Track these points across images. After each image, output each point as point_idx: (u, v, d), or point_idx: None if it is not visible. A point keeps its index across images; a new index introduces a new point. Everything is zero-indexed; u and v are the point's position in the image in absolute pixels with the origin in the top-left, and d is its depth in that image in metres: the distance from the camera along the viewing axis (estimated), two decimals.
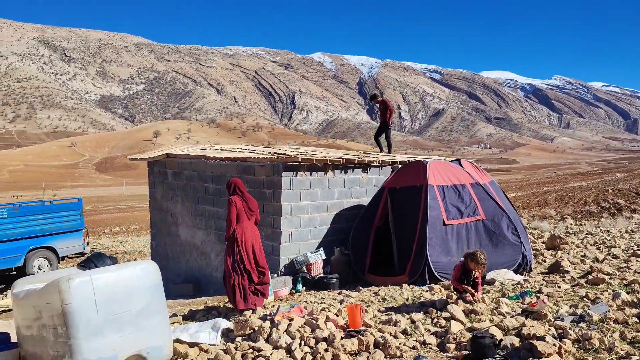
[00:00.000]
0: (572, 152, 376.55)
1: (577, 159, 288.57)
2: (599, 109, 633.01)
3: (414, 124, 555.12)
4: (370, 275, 8.97)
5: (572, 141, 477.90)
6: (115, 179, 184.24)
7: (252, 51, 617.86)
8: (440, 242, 8.36)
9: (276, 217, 8.91)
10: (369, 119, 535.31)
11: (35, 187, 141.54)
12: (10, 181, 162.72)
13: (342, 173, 9.74)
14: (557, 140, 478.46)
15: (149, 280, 5.71)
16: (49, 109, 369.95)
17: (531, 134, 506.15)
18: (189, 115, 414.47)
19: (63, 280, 5.03)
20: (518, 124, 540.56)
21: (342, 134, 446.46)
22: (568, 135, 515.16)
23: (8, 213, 13.23)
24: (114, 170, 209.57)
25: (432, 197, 8.56)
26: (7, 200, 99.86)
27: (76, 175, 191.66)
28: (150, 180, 11.36)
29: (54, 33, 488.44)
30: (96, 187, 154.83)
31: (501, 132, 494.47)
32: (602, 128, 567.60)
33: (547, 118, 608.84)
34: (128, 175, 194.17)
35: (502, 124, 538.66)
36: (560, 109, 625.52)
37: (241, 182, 7.19)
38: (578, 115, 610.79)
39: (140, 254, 21.49)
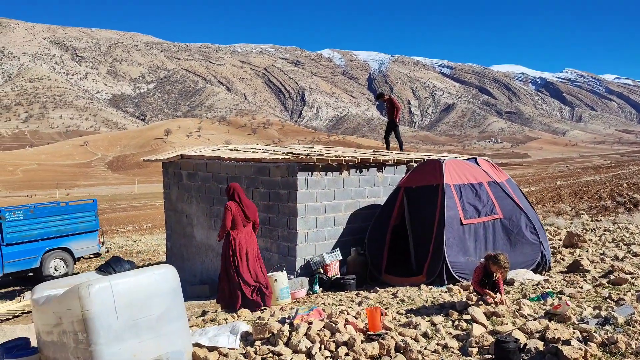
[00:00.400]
0: (585, 145, 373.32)
1: (590, 152, 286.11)
2: (612, 101, 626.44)
3: (424, 119, 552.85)
4: (387, 276, 8.91)
5: (584, 134, 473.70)
6: (128, 177, 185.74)
7: (261, 48, 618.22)
8: (457, 241, 8.27)
9: (292, 217, 8.87)
10: (379, 114, 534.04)
11: (48, 186, 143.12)
12: (24, 180, 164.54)
13: (357, 172, 9.68)
14: (569, 133, 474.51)
15: (168, 285, 5.71)
16: (61, 108, 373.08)
17: (543, 128, 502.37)
18: (200, 113, 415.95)
19: (83, 287, 5.03)
20: (529, 118, 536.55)
21: (352, 130, 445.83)
22: (580, 129, 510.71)
23: (24, 215, 13.31)
24: (126, 168, 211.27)
25: (448, 196, 8.47)
26: (21, 199, 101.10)
27: (89, 174, 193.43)
28: (165, 181, 11.36)
29: (65, 33, 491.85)
30: (109, 185, 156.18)
31: (512, 126, 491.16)
32: (614, 121, 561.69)
33: (558, 111, 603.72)
34: (140, 173, 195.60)
35: (513, 118, 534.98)
36: (572, 102, 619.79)
37: (240, 188, 7.29)
38: (590, 109, 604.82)
39: (154, 253, 21.56)
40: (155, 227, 45.17)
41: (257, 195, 9.44)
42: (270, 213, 9.23)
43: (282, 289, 7.61)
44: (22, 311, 9.68)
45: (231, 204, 7.16)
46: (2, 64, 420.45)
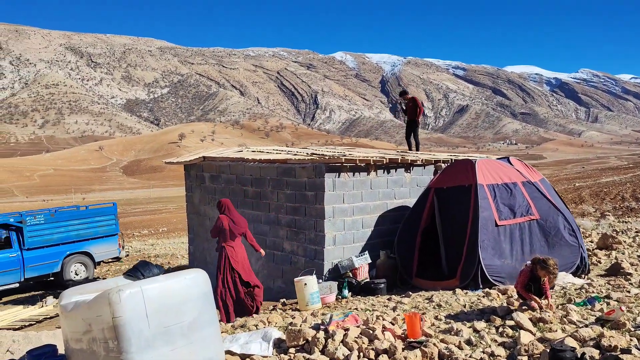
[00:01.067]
0: (601, 146, 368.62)
1: (606, 153, 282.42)
2: (628, 101, 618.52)
3: (437, 121, 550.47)
4: (418, 279, 8.63)
5: (601, 135, 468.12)
6: (142, 181, 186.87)
7: (274, 52, 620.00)
8: (492, 244, 7.97)
9: (319, 220, 8.63)
10: (392, 117, 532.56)
11: (64, 191, 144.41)
12: (41, 185, 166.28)
13: (385, 173, 9.41)
14: (584, 134, 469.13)
15: (199, 290, 5.49)
16: (76, 114, 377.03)
17: (558, 129, 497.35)
18: (213, 117, 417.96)
19: (113, 292, 4.82)
20: (544, 119, 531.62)
21: (365, 133, 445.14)
22: (596, 130, 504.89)
23: (45, 219, 13.22)
24: (141, 173, 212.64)
25: (482, 197, 8.17)
26: (38, 204, 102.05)
27: (104, 179, 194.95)
28: (187, 184, 11.18)
29: (80, 39, 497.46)
30: (124, 189, 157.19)
31: (527, 127, 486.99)
32: (631, 121, 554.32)
33: (574, 112, 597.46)
34: (154, 177, 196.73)
35: (527, 119, 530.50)
36: (588, 103, 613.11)
37: (230, 203, 7.89)
38: (606, 109, 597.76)
39: (173, 257, 21.44)
40: (171, 231, 45.22)
41: (282, 197, 9.22)
42: (296, 215, 9.00)
43: (312, 294, 7.38)
44: (45, 316, 9.53)
45: (223, 217, 7.71)
46: (19, 70, 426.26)
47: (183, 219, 62.82)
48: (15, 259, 12.60)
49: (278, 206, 9.28)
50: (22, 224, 12.78)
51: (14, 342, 6.77)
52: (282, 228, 9.25)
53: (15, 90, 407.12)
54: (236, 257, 7.69)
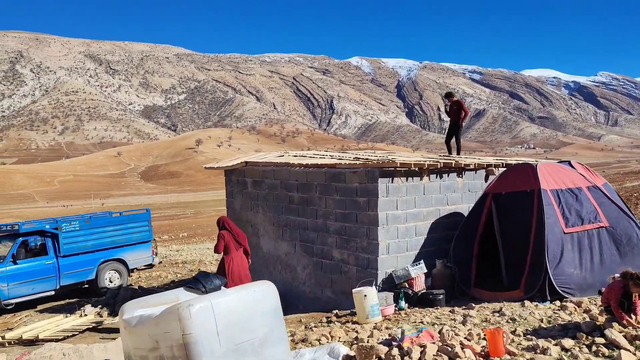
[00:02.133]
0: (621, 150, 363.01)
1: (627, 157, 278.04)
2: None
3: None
4: (476, 290, 8.19)
5: (621, 139, 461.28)
6: (160, 187, 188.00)
7: (290, 58, 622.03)
8: (560, 253, 7.52)
9: (372, 227, 8.25)
10: (409, 121, 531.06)
11: (84, 197, 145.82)
12: (61, 191, 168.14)
13: (438, 178, 9.01)
14: (604, 138, 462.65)
15: (270, 304, 5.14)
16: (95, 120, 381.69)
17: (577, 133, 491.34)
18: (230, 123, 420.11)
19: (183, 307, 4.49)
20: (563, 123, 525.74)
21: (381, 138, 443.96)
22: (616, 133, 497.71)
23: (80, 225, 13.02)
24: (158, 178, 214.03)
25: (547, 203, 7.73)
26: (58, 209, 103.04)
27: (122, 184, 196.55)
28: (227, 189, 10.87)
29: (99, 47, 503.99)
30: (142, 195, 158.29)
31: (545, 131, 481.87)
32: None
33: (593, 116, 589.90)
34: (171, 183, 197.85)
35: (546, 123, 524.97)
36: (607, 106, 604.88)
37: (229, 219, 8.49)
38: (626, 112, 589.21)
39: (201, 263, 21.20)
40: (191, 237, 45.18)
41: (331, 203, 8.86)
42: (347, 222, 8.62)
43: (372, 306, 6.99)
44: (87, 326, 9.26)
45: (224, 232, 8.22)
46: (39, 78, 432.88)
47: (202, 224, 63.01)
48: (51, 266, 12.41)
49: (326, 212, 8.93)
50: (57, 230, 12.59)
51: (64, 355, 6.48)
52: (330, 235, 8.89)
53: (36, 98, 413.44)
54: (233, 268, 8.10)
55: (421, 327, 5.81)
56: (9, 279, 11.64)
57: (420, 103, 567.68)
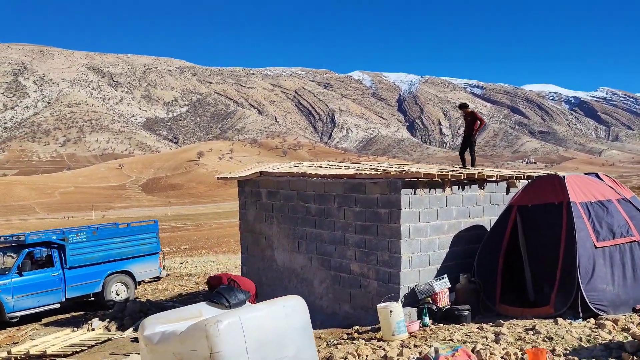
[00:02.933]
0: (622, 165, 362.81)
1: (628, 172, 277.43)
2: None
3: (455, 140, 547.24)
4: (502, 306, 7.89)
5: (622, 154, 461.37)
6: (161, 199, 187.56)
7: (291, 71, 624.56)
8: (591, 268, 7.22)
9: (394, 240, 7.96)
10: (410, 135, 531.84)
11: (85, 208, 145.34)
12: (62, 202, 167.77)
13: (460, 190, 8.74)
14: (605, 153, 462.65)
15: (300, 319, 4.86)
16: (97, 132, 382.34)
17: (578, 148, 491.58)
18: (231, 136, 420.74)
19: (210, 324, 4.20)
20: (563, 138, 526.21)
21: (382, 151, 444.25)
22: (617, 148, 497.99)
23: (87, 236, 12.73)
24: (159, 190, 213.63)
25: (576, 216, 7.45)
26: (59, 220, 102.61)
27: (123, 196, 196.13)
28: (241, 200, 10.59)
29: (102, 59, 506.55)
30: (142, 207, 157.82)
31: (546, 146, 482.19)
32: None
33: (593, 131, 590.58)
34: (173, 195, 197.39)
35: (546, 137, 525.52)
36: (608, 121, 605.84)
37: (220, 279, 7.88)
38: (627, 127, 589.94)
39: (206, 276, 20.88)
40: (192, 249, 44.84)
41: (350, 214, 8.58)
42: (367, 235, 8.34)
43: (398, 322, 6.69)
44: (97, 341, 8.93)
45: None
46: (42, 90, 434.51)
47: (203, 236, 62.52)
48: (57, 278, 12.11)
49: (345, 224, 8.64)
50: (64, 241, 12.30)
51: None
52: (349, 248, 8.60)
53: (38, 109, 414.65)
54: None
55: (456, 345, 5.51)
56: (14, 291, 11.34)
57: (421, 117, 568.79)
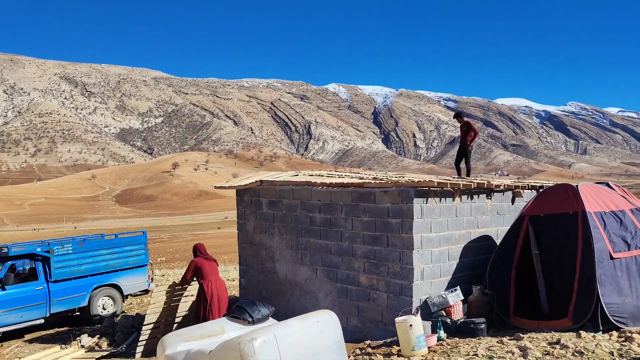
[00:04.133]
0: (591, 178, 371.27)
1: None
2: (616, 134, 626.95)
3: (429, 152, 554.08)
4: (516, 319, 7.68)
5: (591, 167, 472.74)
6: (135, 210, 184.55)
7: (268, 83, 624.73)
8: (610, 279, 7.07)
9: (406, 251, 7.71)
10: (385, 147, 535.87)
11: (56, 220, 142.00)
12: (32, 214, 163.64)
13: (469, 199, 8.55)
14: (574, 166, 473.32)
15: (334, 335, 4.56)
16: (69, 142, 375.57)
17: (548, 160, 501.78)
18: (207, 147, 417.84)
19: (244, 342, 3.87)
20: (535, 151, 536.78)
21: (358, 163, 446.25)
22: (586, 161, 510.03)
23: (73, 248, 12.17)
24: (134, 202, 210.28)
25: (593, 226, 7.31)
26: (28, 233, 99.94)
27: (96, 208, 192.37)
28: (239, 210, 10.21)
29: (75, 69, 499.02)
30: (116, 219, 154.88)
31: (518, 158, 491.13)
32: (620, 154, 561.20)
33: (563, 144, 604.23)
34: (147, 206, 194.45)
35: (518, 150, 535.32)
36: (577, 135, 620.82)
37: (202, 245, 8.84)
38: (595, 141, 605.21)
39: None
40: (169, 261, 43.99)
41: (358, 224, 8.31)
42: (377, 245, 8.07)
43: (418, 337, 6.42)
44: (90, 359, 8.44)
45: (197, 260, 8.52)
46: (12, 99, 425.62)
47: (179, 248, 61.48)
48: (40, 292, 11.51)
49: (353, 235, 8.36)
50: (49, 253, 11.73)
51: None
52: (357, 259, 8.31)
53: (8, 119, 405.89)
54: (213, 292, 8.22)
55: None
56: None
57: (396, 130, 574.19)
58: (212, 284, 8.29)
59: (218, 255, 34.46)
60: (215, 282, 8.35)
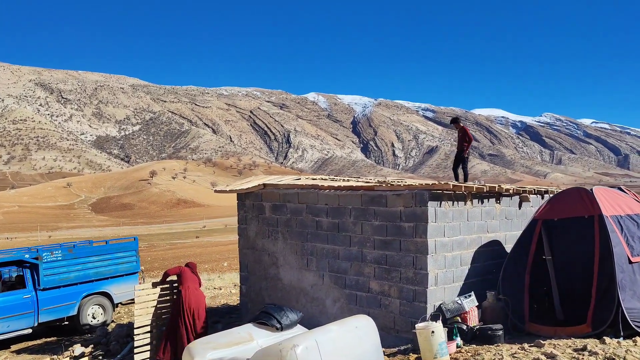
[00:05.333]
0: (566, 187, 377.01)
1: None
2: (590, 145, 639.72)
3: (407, 162, 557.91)
4: (532, 325, 7.51)
5: (565, 177, 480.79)
6: (112, 219, 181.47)
7: (247, 91, 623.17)
8: (629, 284, 6.96)
9: (419, 255, 7.50)
10: (364, 157, 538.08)
11: (29, 229, 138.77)
12: (5, 222, 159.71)
13: (479, 203, 8.40)
14: (550, 176, 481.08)
15: (372, 341, 4.31)
16: (44, 150, 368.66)
17: (524, 170, 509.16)
18: (185, 155, 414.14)
19: (286, 348, 3.60)
20: (511, 161, 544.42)
21: (337, 172, 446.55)
22: (560, 171, 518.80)
23: (63, 255, 11.70)
24: (110, 210, 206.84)
25: (610, 230, 7.20)
26: (1, 242, 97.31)
27: (72, 216, 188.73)
28: (240, 215, 9.89)
29: (51, 75, 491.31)
30: (92, 227, 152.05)
31: (495, 168, 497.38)
32: (593, 164, 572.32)
33: (539, 154, 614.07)
34: (124, 215, 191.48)
35: (495, 160, 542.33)
36: (552, 146, 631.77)
37: (195, 265, 8.77)
38: (569, 152, 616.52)
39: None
40: (148, 270, 43.10)
41: (368, 228, 8.08)
42: (388, 250, 7.84)
43: (440, 344, 6.18)
44: None
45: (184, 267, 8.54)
46: None
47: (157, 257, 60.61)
48: (29, 300, 11.02)
49: (362, 240, 8.13)
50: (37, 260, 11.25)
51: None
52: (367, 265, 8.07)
53: None
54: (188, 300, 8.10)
55: None
56: None
57: (375, 139, 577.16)
58: (189, 291, 8.16)
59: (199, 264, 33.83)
60: (193, 291, 8.23)
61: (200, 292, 8.39)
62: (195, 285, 8.36)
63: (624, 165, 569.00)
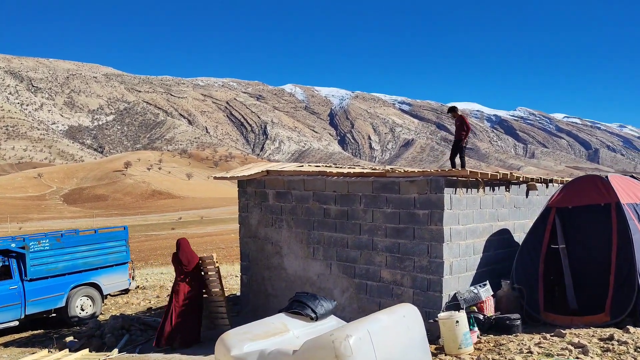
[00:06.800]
0: None
1: None
2: (562, 139, 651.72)
3: (384, 154, 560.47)
4: (548, 314, 7.38)
5: (538, 170, 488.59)
6: (85, 210, 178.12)
7: (223, 82, 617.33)
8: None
9: (434, 243, 7.29)
10: (341, 149, 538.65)
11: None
12: None
13: (491, 191, 8.23)
14: (523, 169, 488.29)
15: (419, 331, 4.06)
16: (14, 139, 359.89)
17: (498, 164, 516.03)
18: (160, 146, 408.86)
19: (339, 339, 3.33)
20: (486, 154, 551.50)
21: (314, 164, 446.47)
22: (533, 165, 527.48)
23: (50, 244, 11.21)
24: (83, 201, 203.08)
25: (628, 217, 7.10)
26: None
27: (43, 207, 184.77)
28: (241, 203, 9.55)
29: (21, 63, 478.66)
30: (64, 219, 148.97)
31: (470, 161, 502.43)
32: (565, 158, 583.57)
33: (513, 148, 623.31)
34: (98, 206, 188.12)
35: (470, 153, 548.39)
36: (525, 139, 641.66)
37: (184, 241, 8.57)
38: (542, 146, 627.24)
39: (162, 288, 19.48)
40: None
41: (379, 216, 7.84)
42: (401, 238, 7.62)
43: (464, 334, 6.00)
44: None
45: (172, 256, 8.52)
46: None
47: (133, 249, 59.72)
48: (15, 291, 10.53)
49: (373, 227, 7.89)
50: (24, 250, 10.75)
51: None
52: (379, 253, 7.84)
53: None
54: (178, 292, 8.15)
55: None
56: None
57: (352, 132, 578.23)
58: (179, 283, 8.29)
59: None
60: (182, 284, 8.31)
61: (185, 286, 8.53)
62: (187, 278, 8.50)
63: (594, 160, 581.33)
